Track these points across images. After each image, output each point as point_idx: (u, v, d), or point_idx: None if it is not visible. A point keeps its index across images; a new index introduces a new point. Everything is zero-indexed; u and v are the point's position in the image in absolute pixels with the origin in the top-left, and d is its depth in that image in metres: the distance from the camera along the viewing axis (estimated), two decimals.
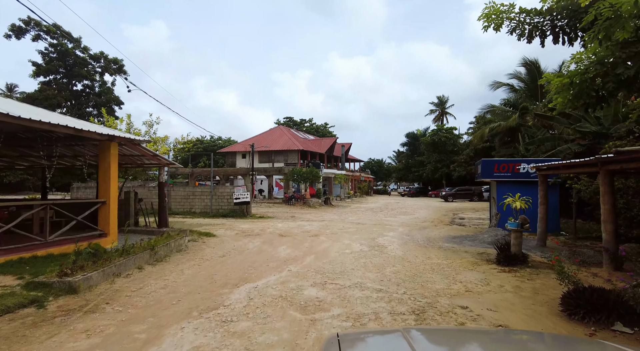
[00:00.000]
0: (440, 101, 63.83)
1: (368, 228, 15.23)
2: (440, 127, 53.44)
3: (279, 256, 9.01)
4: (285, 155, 36.82)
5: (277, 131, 40.96)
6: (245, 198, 19.65)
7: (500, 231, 11.32)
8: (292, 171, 27.63)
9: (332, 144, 43.61)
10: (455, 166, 47.10)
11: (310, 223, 17.08)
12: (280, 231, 13.81)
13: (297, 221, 17.75)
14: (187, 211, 21.35)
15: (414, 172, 58.92)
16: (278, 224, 16.17)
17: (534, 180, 12.65)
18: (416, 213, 23.57)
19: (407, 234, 13.41)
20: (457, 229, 14.99)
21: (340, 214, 21.98)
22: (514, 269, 7.15)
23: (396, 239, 11.90)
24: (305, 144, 39.57)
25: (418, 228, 15.57)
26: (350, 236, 12.48)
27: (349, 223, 16.98)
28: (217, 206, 20.93)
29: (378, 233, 13.56)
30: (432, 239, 12.16)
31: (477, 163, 14.68)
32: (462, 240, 11.58)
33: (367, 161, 77.44)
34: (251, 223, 16.73)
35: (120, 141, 9.38)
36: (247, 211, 19.88)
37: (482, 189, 39.96)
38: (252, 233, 13.50)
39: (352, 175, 49.79)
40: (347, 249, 9.87)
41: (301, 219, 19.01)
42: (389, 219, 19.45)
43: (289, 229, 14.60)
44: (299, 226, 15.52)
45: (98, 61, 36.72)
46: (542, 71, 22.58)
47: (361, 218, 20.01)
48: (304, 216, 20.77)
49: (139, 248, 7.74)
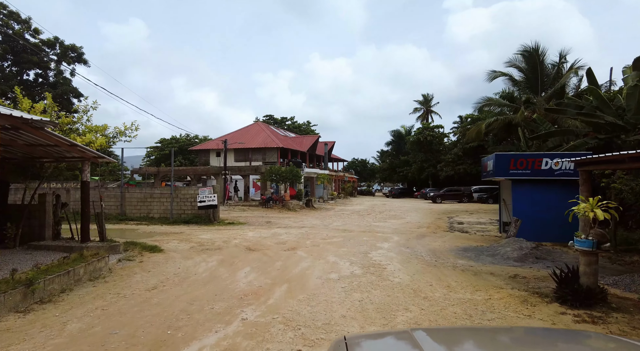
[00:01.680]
0: (425, 99, 62.19)
1: (357, 236, 12.64)
2: (426, 126, 51.61)
3: (236, 287, 6.27)
4: (264, 153, 33.91)
5: (255, 127, 37.95)
6: (212, 201, 16.75)
7: (524, 243, 8.94)
8: (270, 170, 24.82)
9: (315, 142, 40.95)
10: (442, 166, 45.26)
11: (288, 230, 14.36)
12: (249, 243, 11.03)
13: (273, 228, 14.99)
14: (144, 217, 18.25)
15: (399, 173, 56.90)
16: (248, 233, 13.37)
17: (558, 179, 10.36)
18: (407, 217, 21.20)
19: (405, 245, 10.89)
20: (463, 238, 12.58)
21: (323, 219, 19.34)
22: (594, 314, 4.65)
23: (394, 254, 9.34)
24: (285, 141, 36.77)
25: (415, 235, 13.10)
26: (337, 250, 9.84)
27: (333, 230, 14.35)
28: (179, 210, 17.93)
29: (370, 244, 10.98)
30: (438, 252, 9.67)
31: (486, 159, 12.34)
32: (477, 254, 9.12)
33: (351, 160, 75.21)
34: (216, 231, 13.87)
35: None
36: (214, 216, 16.98)
37: (471, 190, 38.16)
38: (212, 246, 10.68)
39: (335, 175, 47.27)
40: (333, 273, 7.22)
41: (278, 225, 16.26)
42: (379, 224, 16.94)
43: (261, 239, 11.85)
44: (274, 236, 12.78)
45: (53, 48, 32.83)
46: (543, 60, 20.63)
47: (347, 223, 17.43)
48: (282, 221, 18.03)
49: (4, 285, 4.85)
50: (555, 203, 10.40)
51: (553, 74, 20.98)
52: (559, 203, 10.33)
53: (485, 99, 23.77)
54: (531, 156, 10.65)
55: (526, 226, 10.18)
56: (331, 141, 47.59)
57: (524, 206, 10.65)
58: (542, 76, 21.09)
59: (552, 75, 21.08)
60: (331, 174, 43.75)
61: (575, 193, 10.56)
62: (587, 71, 13.84)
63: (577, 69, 19.63)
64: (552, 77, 21.12)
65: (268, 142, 33.99)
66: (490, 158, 11.67)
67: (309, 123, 66.82)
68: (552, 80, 21.13)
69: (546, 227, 10.40)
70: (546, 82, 21.11)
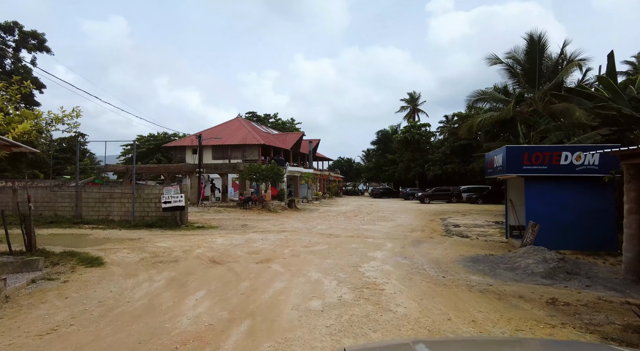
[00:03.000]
0: (412, 97, 61.06)
1: (344, 243, 10.88)
2: (413, 124, 50.43)
3: (175, 327, 4.39)
4: (244, 150, 31.79)
5: (234, 123, 35.73)
6: (178, 202, 14.69)
7: (547, 253, 7.35)
8: (249, 168, 22.82)
9: (299, 139, 39.04)
10: (430, 165, 44.07)
11: (265, 236, 12.48)
12: (214, 254, 9.12)
13: (248, 233, 13.09)
14: (102, 219, 16.03)
15: (385, 172, 55.58)
16: (217, 240, 11.44)
17: (579, 176, 8.85)
18: (397, 218, 19.61)
19: (401, 254, 9.19)
20: (466, 245, 10.98)
21: (307, 221, 17.52)
22: None
23: (391, 267, 7.61)
24: (267, 138, 34.73)
25: (410, 241, 11.44)
26: (321, 262, 8.04)
27: (317, 235, 12.55)
28: (142, 212, 15.79)
29: (360, 253, 9.23)
30: (443, 264, 8.00)
31: (492, 153, 10.78)
32: (492, 267, 7.48)
33: (337, 159, 73.55)
34: (180, 238, 11.88)
35: None
36: (181, 219, 14.93)
37: (460, 190, 37.04)
38: (167, 257, 8.72)
39: (320, 174, 45.50)
40: (316, 299, 5.42)
41: (254, 229, 14.35)
42: (368, 227, 15.24)
43: (230, 248, 9.95)
44: (247, 243, 10.88)
45: (10, 33, 29.89)
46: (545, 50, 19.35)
47: (333, 226, 15.66)
48: (260, 224, 16.12)
49: None
50: (576, 204, 8.91)
51: (552, 67, 19.74)
52: (580, 204, 8.85)
53: (478, 92, 22.38)
54: (548, 150, 9.11)
55: (541, 231, 8.62)
56: (316, 139, 45.80)
57: (539, 207, 9.12)
58: (541, 68, 19.83)
59: (551, 68, 19.84)
60: (316, 173, 41.96)
61: (600, 192, 9.12)
62: (609, 54, 12.44)
63: (579, 62, 18.38)
64: (550, 70, 19.88)
65: (249, 139, 31.92)
66: (498, 153, 10.10)
67: (293, 121, 64.84)
68: (551, 73, 19.91)
69: (565, 232, 8.89)
70: (544, 75, 19.86)
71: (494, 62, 21.16)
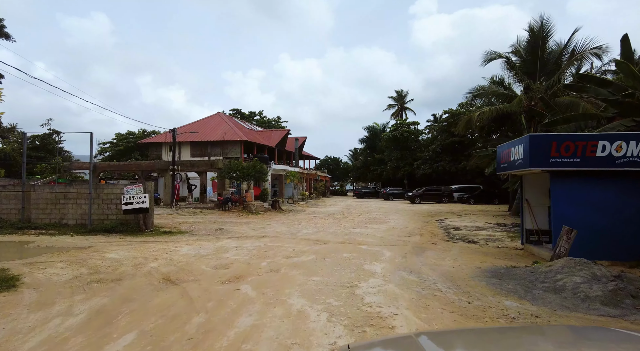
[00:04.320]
0: (399, 95, 59.84)
1: (334, 251, 9.13)
2: (402, 122, 49.15)
3: None
4: (225, 147, 29.70)
5: (215, 118, 33.54)
6: (141, 203, 12.68)
7: (595, 267, 5.75)
8: (229, 166, 20.83)
9: (284, 137, 37.11)
10: (419, 164, 42.78)
11: (241, 242, 10.63)
12: (171, 269, 7.24)
13: (221, 240, 11.21)
14: (55, 223, 13.85)
15: (373, 171, 54.13)
16: (182, 249, 9.53)
17: (621, 170, 7.32)
18: (390, 220, 17.99)
19: (405, 266, 7.49)
20: (476, 252, 9.37)
21: (292, 224, 15.71)
22: None
23: (397, 288, 5.89)
24: (250, 135, 32.70)
25: (411, 248, 9.78)
26: (305, 281, 6.27)
27: (302, 242, 10.77)
28: (101, 215, 13.69)
29: (355, 266, 7.49)
30: (460, 281, 6.33)
31: (507, 145, 9.19)
32: (526, 287, 5.83)
33: (324, 158, 71.79)
34: (138, 246, 9.91)
35: None
36: (145, 223, 12.91)
37: (451, 189, 35.81)
38: (110, 274, 6.80)
39: (307, 173, 43.68)
40: (297, 349, 3.64)
41: (230, 234, 12.47)
42: (360, 231, 13.54)
43: (194, 261, 8.07)
44: (217, 253, 9.01)
45: None
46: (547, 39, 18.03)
47: (320, 229, 13.90)
48: (238, 228, 14.22)
49: None
50: (616, 205, 7.40)
51: (555, 58, 18.45)
52: (622, 204, 7.31)
53: (477, 88, 20.99)
54: (582, 139, 7.55)
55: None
56: (302, 137, 43.97)
57: (569, 208, 7.57)
58: (543, 59, 18.53)
59: (554, 59, 18.56)
60: (302, 173, 40.14)
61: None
62: (623, 37, 11.09)
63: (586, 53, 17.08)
64: (553, 62, 18.60)
65: (230, 135, 29.86)
66: (516, 143, 8.51)
67: (279, 119, 62.83)
68: (553, 65, 18.63)
69: (603, 239, 7.36)
70: (547, 66, 18.57)
71: (491, 58, 19.82)
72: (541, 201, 9.40)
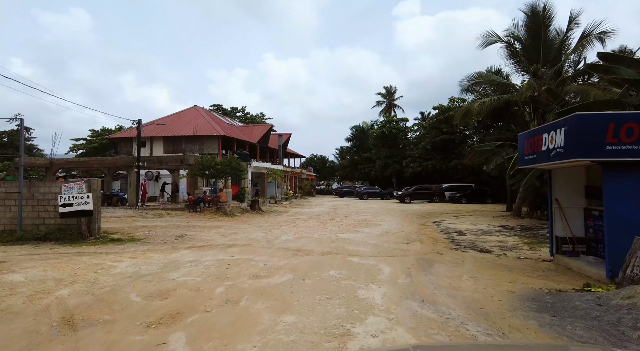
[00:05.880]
0: (388, 91, 58.21)
1: (318, 268, 7.07)
2: (391, 118, 47.47)
3: None
4: (201, 143, 27.28)
5: (191, 112, 31.00)
6: (84, 205, 10.34)
7: None
8: (200, 162, 18.51)
9: (267, 132, 34.78)
10: (408, 162, 41.11)
11: (202, 255, 8.45)
12: (84, 301, 5.04)
13: (178, 251, 9.00)
14: None
15: (361, 170, 52.28)
16: (120, 265, 7.30)
17: None
18: (381, 222, 16.05)
19: (413, 292, 5.49)
20: (497, 267, 7.45)
21: (270, 228, 13.57)
22: None
23: (409, 334, 3.88)
24: (229, 130, 30.30)
25: (415, 261, 7.80)
26: (271, 326, 4.17)
27: (279, 253, 8.66)
28: (36, 219, 11.27)
29: (345, 291, 5.44)
30: (496, 318, 4.37)
31: (535, 131, 7.29)
32: (611, 337, 3.89)
33: (310, 157, 69.63)
34: (65, 261, 7.62)
35: None
36: (89, 229, 10.57)
37: (442, 188, 34.21)
38: None
39: (291, 172, 41.50)
40: None
41: (192, 243, 10.26)
42: (349, 237, 11.51)
43: (125, 285, 5.87)
44: (162, 271, 6.83)
45: None
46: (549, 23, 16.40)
47: (303, 235, 11.82)
48: (205, 234, 12.01)
49: None
50: None
51: (558, 44, 16.85)
52: None
53: (473, 75, 19.26)
54: None
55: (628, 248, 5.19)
56: (286, 133, 41.76)
57: (631, 211, 5.68)
58: (545, 45, 16.89)
59: (557, 45, 16.95)
60: (286, 171, 37.95)
61: None
62: None
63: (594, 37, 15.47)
64: (556, 47, 16.99)
65: (207, 129, 27.45)
66: (550, 128, 6.60)
67: (263, 115, 60.35)
68: (557, 51, 17.03)
69: None
70: (550, 53, 16.94)
71: (490, 41, 18.06)
72: (575, 202, 7.56)
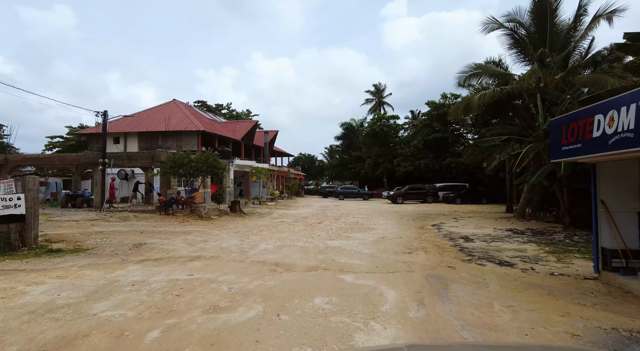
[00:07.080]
0: (377, 89, 56.73)
1: (299, 293, 5.32)
2: (382, 116, 46.02)
3: None
4: (180, 139, 25.24)
5: (170, 106, 28.88)
6: (13, 209, 8.37)
7: None
8: (173, 159, 16.56)
9: (251, 129, 32.81)
10: (399, 161, 39.67)
11: (151, 273, 6.61)
12: None
13: (125, 266, 7.14)
14: None
15: (351, 169, 50.71)
16: (33, 291, 5.42)
17: None
18: (376, 226, 14.40)
19: (434, 334, 3.80)
20: (531, 289, 5.81)
21: (248, 234, 11.76)
22: None
23: None
24: (211, 126, 28.28)
25: (424, 279, 6.13)
26: None
27: (252, 269, 6.88)
28: None
29: (337, 338, 3.70)
30: None
31: (590, 109, 5.68)
32: None
33: (298, 156, 67.76)
34: None
35: None
36: (21, 237, 8.60)
37: (436, 188, 32.82)
38: None
39: (278, 171, 39.65)
40: None
41: (148, 254, 8.38)
42: (340, 245, 9.78)
43: (18, 327, 4.00)
44: (87, 301, 4.98)
45: None
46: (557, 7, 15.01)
47: (285, 243, 10.04)
48: (169, 241, 10.13)
49: None
50: None
51: (567, 29, 15.47)
52: None
53: (472, 66, 17.78)
54: None
55: None
56: (273, 130, 39.85)
57: None
58: (552, 31, 15.51)
59: (565, 31, 15.57)
60: (272, 170, 36.08)
61: None
62: None
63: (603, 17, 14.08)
64: (564, 34, 15.62)
65: (186, 124, 25.42)
66: (610, 105, 5.00)
67: (249, 112, 58.28)
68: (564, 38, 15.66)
69: None
70: (558, 41, 15.56)
71: (491, 28, 16.60)
72: (627, 204, 5.98)
